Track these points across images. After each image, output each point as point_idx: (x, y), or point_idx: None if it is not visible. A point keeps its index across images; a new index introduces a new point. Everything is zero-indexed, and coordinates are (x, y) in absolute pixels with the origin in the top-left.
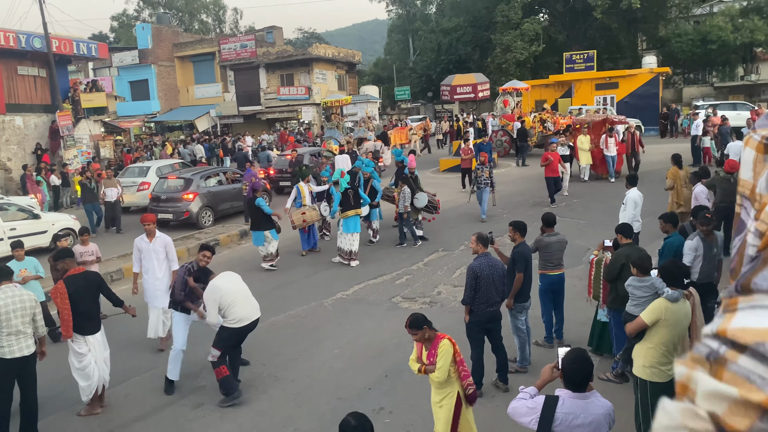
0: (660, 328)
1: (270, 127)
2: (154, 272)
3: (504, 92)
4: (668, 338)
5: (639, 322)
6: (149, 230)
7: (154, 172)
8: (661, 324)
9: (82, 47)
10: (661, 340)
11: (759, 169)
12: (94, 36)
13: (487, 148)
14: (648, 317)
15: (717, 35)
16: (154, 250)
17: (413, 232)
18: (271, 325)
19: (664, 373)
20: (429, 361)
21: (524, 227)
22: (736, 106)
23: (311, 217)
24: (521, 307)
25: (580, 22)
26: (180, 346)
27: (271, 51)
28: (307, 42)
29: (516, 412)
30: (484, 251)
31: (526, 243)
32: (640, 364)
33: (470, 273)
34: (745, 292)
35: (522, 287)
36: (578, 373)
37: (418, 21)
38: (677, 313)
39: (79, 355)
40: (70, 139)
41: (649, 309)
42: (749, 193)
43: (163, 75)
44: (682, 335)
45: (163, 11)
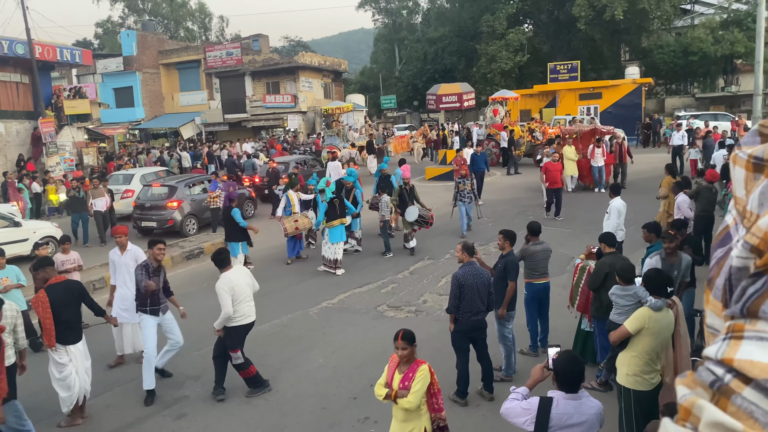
0: (643, 337)
1: (255, 134)
2: (126, 285)
3: (494, 101)
4: (651, 347)
5: (622, 330)
6: (121, 243)
7: (138, 179)
8: (645, 333)
9: (65, 54)
10: (644, 349)
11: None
12: (78, 42)
13: (482, 158)
14: (631, 326)
15: (698, 47)
16: (125, 263)
17: (386, 242)
18: (255, 334)
19: (648, 381)
20: (403, 385)
21: (514, 236)
22: (717, 116)
23: (303, 224)
24: (509, 316)
25: (564, 32)
26: (151, 353)
27: (257, 59)
28: (294, 50)
29: (510, 412)
30: (469, 260)
31: (514, 252)
32: (624, 373)
33: (454, 282)
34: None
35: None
36: (571, 374)
37: (404, 30)
38: (660, 321)
39: (60, 366)
40: (53, 146)
41: (633, 318)
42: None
43: (148, 82)
44: (665, 344)
45: (149, 18)
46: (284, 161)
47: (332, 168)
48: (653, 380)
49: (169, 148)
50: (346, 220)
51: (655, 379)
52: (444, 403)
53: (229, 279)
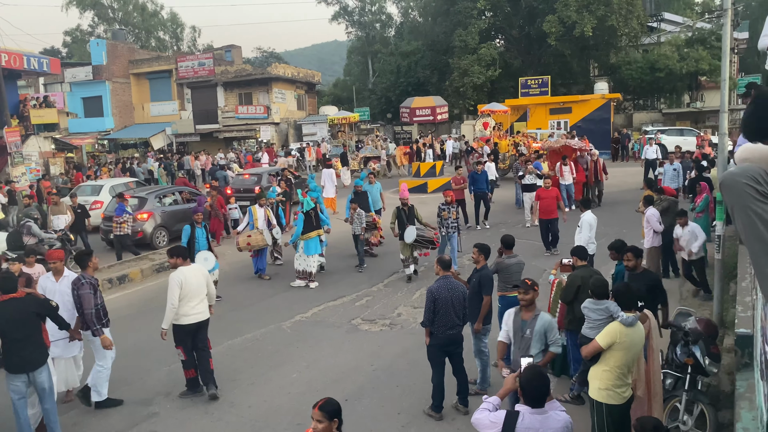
0: (615, 351)
1: (228, 145)
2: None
3: (483, 114)
4: (623, 361)
5: (594, 345)
6: (56, 269)
7: (107, 190)
8: (616, 347)
9: (33, 62)
10: (616, 363)
11: None
12: (46, 51)
13: (483, 177)
14: (603, 341)
15: (664, 64)
16: (60, 291)
17: (360, 256)
18: (227, 349)
19: (620, 395)
20: None
21: (489, 250)
22: (683, 131)
23: (256, 241)
24: (485, 330)
25: (534, 48)
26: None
27: (229, 69)
28: (266, 61)
29: (479, 423)
30: (444, 274)
31: (488, 266)
32: (596, 387)
33: (429, 296)
34: None
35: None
36: (535, 390)
37: (378, 44)
38: (631, 336)
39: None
40: (18, 156)
41: (604, 332)
42: None
43: (118, 92)
44: (636, 358)
45: (119, 27)
46: (257, 173)
47: (326, 176)
48: (625, 394)
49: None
50: (321, 231)
51: (627, 392)
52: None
53: (183, 273)
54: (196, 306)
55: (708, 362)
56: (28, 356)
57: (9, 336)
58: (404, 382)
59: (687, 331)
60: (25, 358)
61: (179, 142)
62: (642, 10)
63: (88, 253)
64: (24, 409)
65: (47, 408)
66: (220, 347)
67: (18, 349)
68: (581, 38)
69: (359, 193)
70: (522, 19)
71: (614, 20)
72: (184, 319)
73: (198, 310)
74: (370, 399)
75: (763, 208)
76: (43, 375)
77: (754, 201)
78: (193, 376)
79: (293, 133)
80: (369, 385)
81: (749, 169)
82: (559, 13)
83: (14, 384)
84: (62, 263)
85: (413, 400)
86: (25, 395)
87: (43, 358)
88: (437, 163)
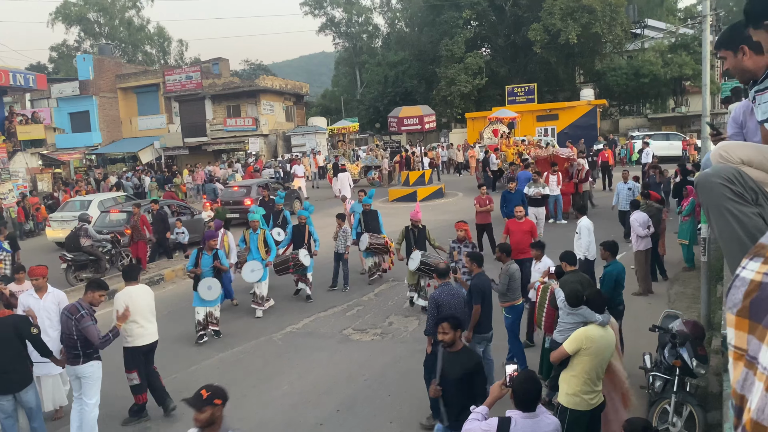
0: (582, 357)
1: (216, 158)
2: (45, 333)
3: (492, 121)
4: (590, 366)
5: (561, 351)
6: (38, 285)
7: (95, 205)
8: (583, 353)
9: (19, 78)
10: (583, 369)
11: None
12: (32, 66)
13: (517, 197)
14: (569, 346)
15: (649, 69)
16: (44, 308)
17: (345, 275)
18: (218, 362)
19: (586, 401)
20: None
21: (481, 258)
22: (668, 136)
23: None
24: (480, 338)
25: (520, 56)
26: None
27: (217, 82)
28: (254, 74)
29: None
30: (444, 281)
31: (485, 274)
32: (564, 392)
33: (432, 303)
34: None
35: (483, 318)
36: (528, 393)
37: (365, 54)
38: (598, 341)
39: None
40: (5, 173)
41: (571, 338)
42: None
43: (105, 106)
44: (604, 364)
45: (106, 42)
46: (247, 185)
47: (342, 180)
48: (592, 401)
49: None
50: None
51: (595, 399)
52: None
53: (128, 294)
54: (146, 326)
55: (696, 364)
56: (12, 377)
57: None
58: (396, 391)
59: (674, 334)
60: (10, 378)
61: (168, 156)
62: (625, 17)
63: (95, 283)
64: (13, 428)
65: (35, 426)
66: (210, 360)
67: (2, 371)
68: (566, 45)
69: (368, 212)
70: (507, 28)
71: (598, 27)
72: (138, 341)
73: (149, 330)
74: (361, 409)
75: (737, 207)
76: (30, 394)
77: (728, 201)
78: (143, 402)
79: (282, 145)
80: (361, 395)
81: (723, 169)
82: (544, 22)
83: (0, 404)
84: (45, 280)
85: (405, 409)
86: (12, 415)
87: (29, 378)
88: (426, 172)
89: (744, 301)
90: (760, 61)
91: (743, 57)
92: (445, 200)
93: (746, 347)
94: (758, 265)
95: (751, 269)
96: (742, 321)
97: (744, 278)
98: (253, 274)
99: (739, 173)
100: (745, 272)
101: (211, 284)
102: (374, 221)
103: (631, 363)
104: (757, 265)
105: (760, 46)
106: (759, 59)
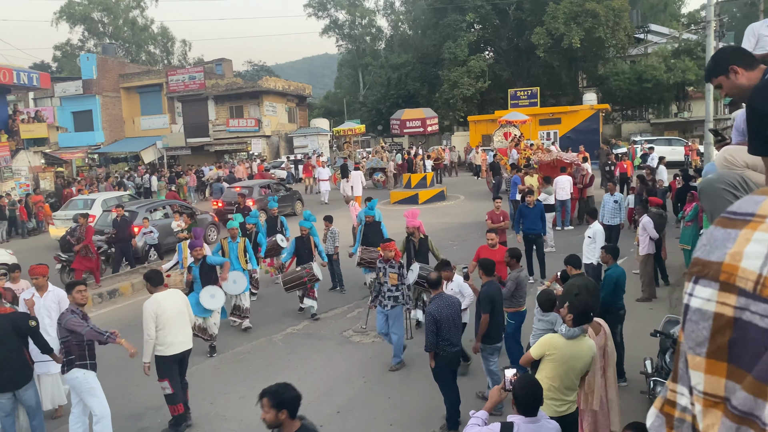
0: (547, 363)
1: (218, 158)
2: (45, 332)
3: (503, 124)
4: (556, 373)
5: (527, 355)
6: (39, 285)
7: (99, 204)
8: (547, 359)
9: (22, 77)
10: (547, 375)
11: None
12: (35, 65)
13: (536, 213)
14: (534, 351)
15: (651, 74)
16: (45, 306)
17: (339, 276)
18: (219, 362)
19: (552, 408)
20: None
21: (488, 266)
22: (671, 141)
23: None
24: (492, 349)
25: (523, 60)
26: (105, 411)
27: (220, 83)
28: (257, 75)
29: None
30: (437, 292)
31: (495, 282)
32: None
33: (429, 319)
34: None
35: (493, 328)
36: (529, 397)
37: (368, 56)
38: (564, 350)
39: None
40: (8, 171)
41: (537, 344)
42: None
43: (108, 106)
44: (579, 371)
45: (109, 42)
46: (248, 186)
47: (355, 177)
48: (559, 408)
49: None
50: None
51: (563, 407)
52: None
53: (157, 301)
54: (178, 334)
55: None
56: (11, 374)
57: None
58: (396, 393)
59: (675, 339)
60: (9, 376)
61: (170, 156)
62: (629, 21)
63: (70, 284)
64: (12, 427)
65: (35, 425)
66: (211, 361)
67: (0, 368)
68: (569, 50)
69: (371, 224)
70: (510, 32)
71: (602, 32)
72: (169, 349)
73: (181, 338)
74: (361, 411)
75: None
76: (29, 392)
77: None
78: (181, 413)
79: (284, 146)
80: (361, 397)
81: (727, 175)
82: (547, 26)
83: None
84: (45, 279)
85: (405, 411)
86: (11, 413)
87: (28, 376)
88: (428, 175)
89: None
90: (752, 76)
91: (736, 76)
92: (447, 203)
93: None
94: (713, 293)
95: (704, 297)
96: (717, 365)
97: (702, 311)
98: (235, 285)
99: (742, 179)
100: (698, 302)
101: (214, 292)
102: (376, 235)
103: (633, 368)
104: (711, 292)
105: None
106: (751, 74)
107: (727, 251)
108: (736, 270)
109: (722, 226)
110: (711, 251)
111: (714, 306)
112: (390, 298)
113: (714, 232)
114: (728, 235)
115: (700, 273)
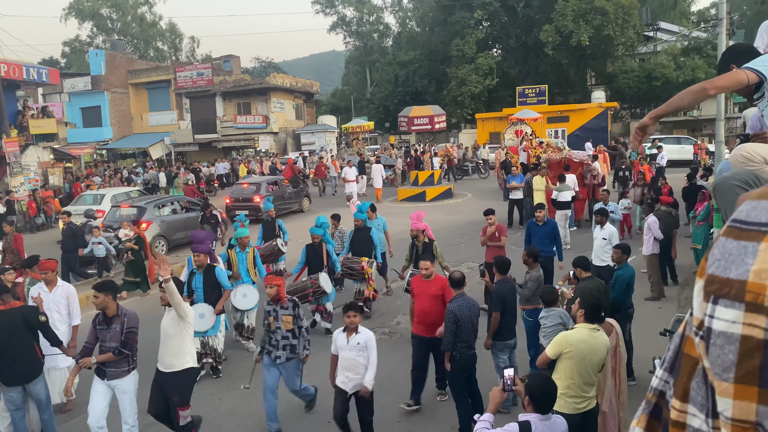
0: (564, 361)
1: (226, 155)
2: (54, 326)
3: (514, 122)
4: (575, 370)
5: (543, 355)
6: (48, 279)
7: (108, 199)
8: (565, 356)
9: (32, 72)
10: (566, 373)
11: None
12: (44, 61)
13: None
14: (550, 351)
15: (661, 72)
16: (54, 301)
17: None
18: (226, 358)
19: (571, 405)
20: None
21: (502, 264)
22: (680, 140)
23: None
24: (502, 346)
25: (532, 57)
26: (94, 421)
27: (228, 79)
28: (265, 71)
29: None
30: (459, 292)
31: (508, 280)
32: None
33: (450, 316)
34: None
35: (505, 325)
36: (546, 396)
37: (375, 53)
38: (579, 346)
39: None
40: (17, 166)
41: (552, 343)
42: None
43: (117, 102)
44: (596, 365)
45: (118, 38)
46: (256, 182)
47: (376, 170)
48: (579, 405)
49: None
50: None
51: (582, 404)
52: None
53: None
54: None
55: None
56: (21, 368)
57: (0, 348)
58: (403, 390)
59: None
60: (19, 370)
61: (178, 152)
62: (638, 19)
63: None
64: (22, 420)
65: (45, 418)
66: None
67: (10, 362)
68: (578, 47)
69: (360, 228)
70: (519, 29)
71: (611, 29)
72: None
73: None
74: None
75: None
76: (39, 386)
77: None
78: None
79: (292, 143)
80: None
81: (740, 172)
82: (556, 23)
83: (9, 395)
84: (54, 273)
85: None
86: (21, 406)
87: (38, 370)
88: (435, 172)
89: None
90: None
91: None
92: (455, 201)
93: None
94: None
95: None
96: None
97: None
98: (245, 300)
99: (755, 177)
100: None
101: (204, 311)
102: (364, 242)
103: (641, 367)
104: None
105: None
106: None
107: (750, 268)
108: (764, 290)
109: (734, 237)
110: (728, 267)
111: (740, 328)
112: (285, 347)
113: (726, 245)
114: (744, 248)
115: (719, 292)
